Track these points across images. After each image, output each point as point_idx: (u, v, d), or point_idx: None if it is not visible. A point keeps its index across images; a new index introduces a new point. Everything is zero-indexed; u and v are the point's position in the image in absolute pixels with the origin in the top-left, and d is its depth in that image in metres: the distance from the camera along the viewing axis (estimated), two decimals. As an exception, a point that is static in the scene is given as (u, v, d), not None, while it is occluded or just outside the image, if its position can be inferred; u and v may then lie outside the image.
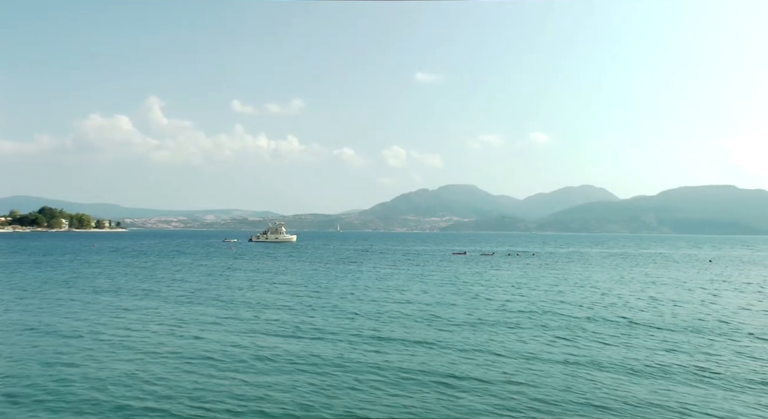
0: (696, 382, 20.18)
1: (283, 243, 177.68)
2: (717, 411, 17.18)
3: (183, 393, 18.71)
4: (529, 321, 32.85)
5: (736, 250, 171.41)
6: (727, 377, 20.87)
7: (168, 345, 25.82)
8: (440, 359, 23.35)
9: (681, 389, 19.35)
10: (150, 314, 35.06)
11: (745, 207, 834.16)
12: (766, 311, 37.81)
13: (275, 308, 38.10)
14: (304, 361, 23.03)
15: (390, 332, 29.25)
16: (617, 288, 51.98)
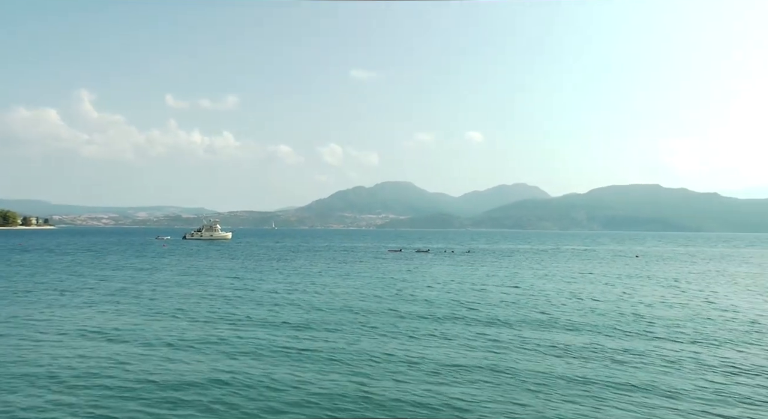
0: (614, 376, 20.76)
1: (218, 241, 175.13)
2: (627, 403, 17.86)
3: (85, 397, 18.26)
4: (449, 316, 33.20)
5: (660, 246, 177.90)
6: (639, 369, 21.62)
7: (78, 347, 25.04)
8: (355, 356, 23.35)
9: (599, 389, 19.93)
10: (67, 314, 33.88)
11: (669, 205, 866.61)
12: (680, 304, 39.37)
13: (197, 306, 37.37)
14: (217, 358, 22.70)
15: (309, 329, 29.08)
16: (541, 284, 53.11)
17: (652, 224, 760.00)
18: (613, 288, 50.25)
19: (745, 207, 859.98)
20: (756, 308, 38.77)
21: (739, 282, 58.18)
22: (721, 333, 29.14)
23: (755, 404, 17.78)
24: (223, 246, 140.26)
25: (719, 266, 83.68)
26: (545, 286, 51.50)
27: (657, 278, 62.19)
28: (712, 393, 18.80)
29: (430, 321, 31.74)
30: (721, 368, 22.00)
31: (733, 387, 19.47)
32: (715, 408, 17.33)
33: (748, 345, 26.36)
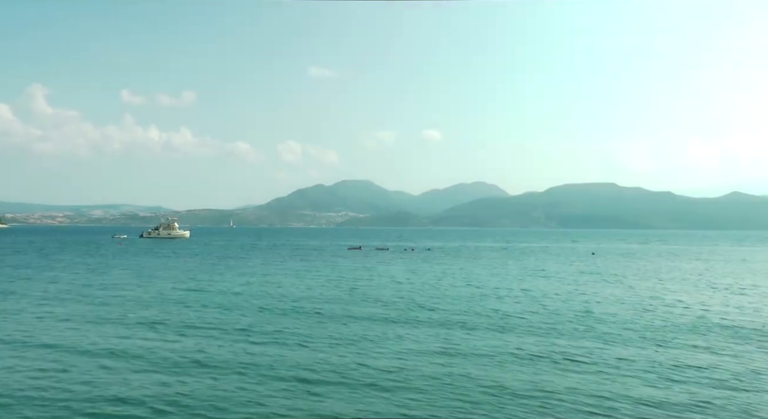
0: (562, 370, 21.12)
1: (176, 239, 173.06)
2: (578, 394, 18.11)
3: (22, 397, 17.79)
4: (400, 317, 33.34)
5: (615, 244, 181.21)
6: (588, 363, 22.02)
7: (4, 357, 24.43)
8: (302, 354, 23.31)
9: (548, 376, 20.23)
10: (6, 315, 33.17)
11: (624, 203, 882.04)
12: (626, 301, 40.15)
13: (145, 306, 36.85)
14: (161, 358, 22.46)
15: (260, 328, 28.98)
16: (494, 282, 53.57)
17: (608, 221, 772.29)
18: (565, 286, 51.02)
19: (697, 206, 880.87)
20: (702, 303, 39.78)
21: (687, 279, 59.59)
22: (665, 327, 29.76)
23: (699, 398, 18.15)
24: (181, 245, 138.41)
25: (670, 263, 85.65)
26: (498, 284, 52.08)
27: (608, 274, 63.38)
28: (660, 387, 19.12)
29: (380, 321, 31.84)
30: (665, 362, 22.40)
31: (679, 380, 19.88)
32: (663, 403, 17.64)
33: (692, 339, 26.96)
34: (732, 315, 34.67)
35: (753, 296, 44.87)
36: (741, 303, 40.07)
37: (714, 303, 39.99)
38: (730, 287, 51.71)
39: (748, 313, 35.43)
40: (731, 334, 28.39)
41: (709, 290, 49.14)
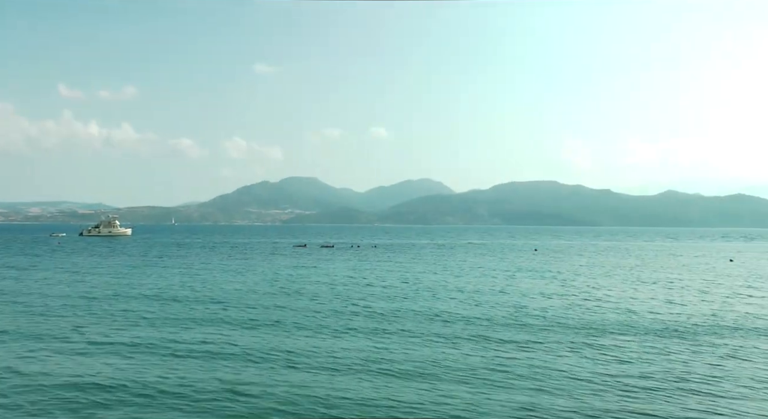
0: (489, 366, 21.59)
1: (117, 237, 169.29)
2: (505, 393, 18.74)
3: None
4: (333, 312, 33.64)
5: (556, 240, 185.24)
6: (512, 359, 22.53)
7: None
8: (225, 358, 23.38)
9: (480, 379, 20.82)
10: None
11: (566, 201, 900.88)
12: (559, 295, 41.21)
13: (63, 307, 36.13)
14: (78, 361, 22.13)
15: (183, 329, 28.84)
16: (434, 278, 54.24)
17: (550, 218, 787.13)
18: (504, 281, 52.04)
19: (635, 203, 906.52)
20: (632, 298, 41.18)
21: (620, 274, 61.53)
22: (593, 322, 30.73)
23: (628, 389, 18.87)
24: (120, 243, 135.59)
25: (606, 259, 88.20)
26: (437, 280, 52.85)
27: (544, 270, 64.77)
28: (591, 381, 19.73)
29: (313, 316, 32.02)
30: (591, 356, 23.16)
31: (611, 373, 20.53)
32: (596, 393, 18.25)
33: (621, 332, 27.93)
34: (658, 308, 36.00)
35: (678, 289, 46.67)
36: (667, 297, 41.64)
37: (641, 297, 41.44)
38: (659, 281, 53.56)
39: (674, 307, 36.87)
40: (656, 328, 29.47)
41: (639, 284, 50.65)
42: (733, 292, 45.84)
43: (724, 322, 31.30)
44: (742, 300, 40.69)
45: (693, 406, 17.26)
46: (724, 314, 34.24)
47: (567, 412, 16.70)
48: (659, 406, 17.25)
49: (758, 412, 16.75)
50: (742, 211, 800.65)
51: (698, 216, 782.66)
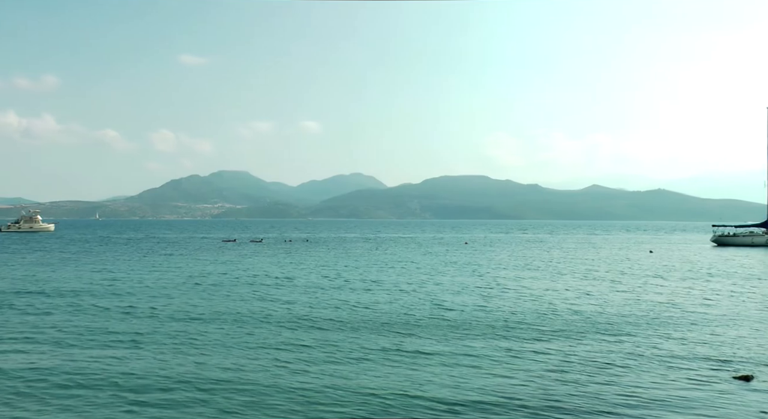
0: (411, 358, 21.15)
1: (39, 233, 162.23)
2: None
3: None
4: (241, 307, 32.52)
5: (484, 233, 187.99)
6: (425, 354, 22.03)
7: None
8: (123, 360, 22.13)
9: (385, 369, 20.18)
10: None
11: (495, 195, 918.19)
12: (476, 288, 41.45)
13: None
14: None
15: (84, 328, 27.16)
16: (348, 273, 53.27)
17: (481, 212, 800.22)
18: (426, 275, 51.83)
19: (561, 197, 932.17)
20: (548, 290, 41.44)
21: (540, 266, 62.50)
22: (511, 314, 30.60)
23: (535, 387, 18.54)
24: (40, 239, 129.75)
25: (530, 252, 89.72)
26: (358, 274, 52.29)
27: (467, 263, 65.13)
28: (510, 377, 19.33)
29: (219, 311, 30.78)
30: (507, 348, 22.80)
31: (528, 367, 20.16)
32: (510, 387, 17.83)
33: (536, 324, 27.80)
34: (574, 299, 36.23)
35: (596, 280, 47.48)
36: (584, 288, 42.06)
37: (559, 288, 41.80)
38: (579, 273, 54.39)
39: (590, 298, 37.23)
40: (572, 319, 29.55)
41: (558, 276, 51.41)
42: (645, 282, 46.92)
43: (638, 312, 31.72)
44: (657, 290, 41.56)
45: (610, 397, 17.11)
46: (638, 304, 34.75)
47: (483, 408, 16.27)
48: (577, 400, 16.97)
49: (672, 400, 16.76)
50: (662, 205, 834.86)
51: (621, 210, 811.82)
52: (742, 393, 17.76)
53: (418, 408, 16.19)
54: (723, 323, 28.98)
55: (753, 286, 44.93)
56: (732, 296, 39.21)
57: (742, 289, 42.91)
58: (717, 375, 19.69)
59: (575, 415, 15.78)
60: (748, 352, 22.81)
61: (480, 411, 15.96)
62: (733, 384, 18.73)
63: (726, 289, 42.82)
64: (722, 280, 49.26)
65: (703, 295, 39.30)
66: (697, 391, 17.95)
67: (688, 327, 27.71)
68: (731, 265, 65.31)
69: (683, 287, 43.55)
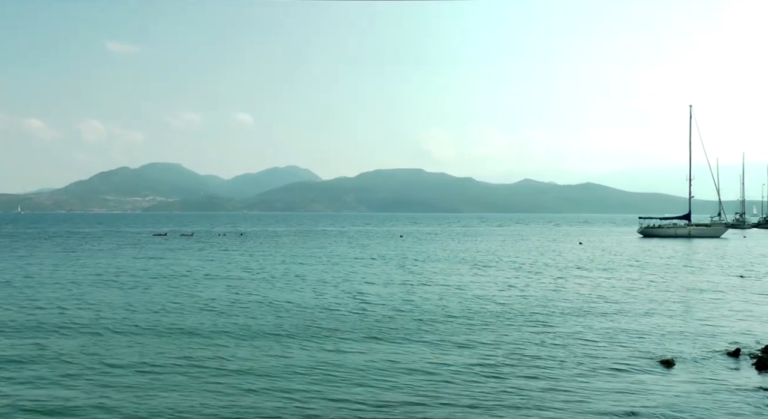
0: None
1: None
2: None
3: None
4: (152, 304, 31.32)
5: (412, 227, 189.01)
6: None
7: None
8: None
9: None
10: None
11: (430, 188, 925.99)
12: (401, 283, 41.13)
13: None
14: None
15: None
16: (274, 267, 51.68)
17: (416, 205, 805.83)
18: (349, 268, 51.10)
19: (495, 191, 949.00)
20: (473, 282, 41.47)
21: (469, 259, 62.68)
22: (436, 307, 30.32)
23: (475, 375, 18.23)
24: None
25: (461, 245, 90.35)
26: (283, 268, 51.45)
27: (393, 257, 64.74)
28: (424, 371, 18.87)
29: (127, 308, 29.47)
30: (432, 342, 22.44)
31: (450, 362, 19.78)
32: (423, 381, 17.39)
33: (463, 317, 27.53)
34: (500, 292, 36.28)
35: (525, 273, 47.90)
36: (511, 281, 42.19)
37: (483, 281, 41.82)
38: (510, 265, 54.92)
39: (515, 290, 37.34)
40: (497, 311, 29.43)
41: (487, 268, 51.71)
42: (572, 273, 47.58)
43: (563, 303, 31.88)
44: (583, 281, 42.04)
45: (534, 390, 16.78)
46: (564, 294, 35.01)
47: (407, 406, 15.70)
48: (503, 395, 16.57)
49: (596, 388, 16.57)
50: (591, 198, 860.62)
51: (553, 203, 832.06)
52: (665, 377, 18.10)
53: (338, 409, 15.39)
54: (645, 311, 29.37)
55: (674, 275, 46.07)
56: (654, 285, 39.99)
57: (664, 278, 43.90)
58: (640, 361, 19.86)
59: (500, 410, 15.35)
60: (669, 339, 23.16)
61: (404, 410, 15.33)
62: (656, 369, 19.02)
63: (649, 278, 43.69)
64: (646, 270, 50.37)
65: (627, 285, 39.93)
66: (621, 378, 18.00)
67: (611, 317, 27.90)
68: (655, 255, 67.10)
69: (609, 278, 44.20)
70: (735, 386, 17.26)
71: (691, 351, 21.17)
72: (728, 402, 15.95)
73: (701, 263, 57.67)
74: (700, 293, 36.30)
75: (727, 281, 42.63)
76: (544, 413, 15.06)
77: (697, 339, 23.20)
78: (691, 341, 22.82)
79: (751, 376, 18.33)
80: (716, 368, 19.17)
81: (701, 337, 23.47)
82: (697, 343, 22.44)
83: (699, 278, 43.99)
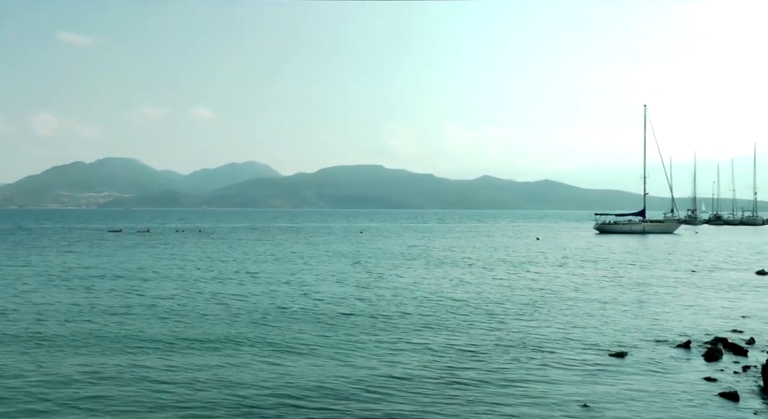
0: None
1: None
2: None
3: None
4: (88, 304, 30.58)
5: (375, 223, 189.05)
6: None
7: None
8: None
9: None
10: None
11: (390, 185, 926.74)
12: (353, 282, 41.01)
13: None
14: None
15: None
16: (228, 264, 50.45)
17: (376, 202, 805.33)
18: (304, 265, 50.39)
19: (455, 187, 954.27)
20: (424, 278, 41.53)
21: (424, 255, 62.70)
22: (387, 305, 30.24)
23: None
24: None
25: (419, 241, 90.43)
26: (233, 266, 50.80)
27: (347, 253, 64.62)
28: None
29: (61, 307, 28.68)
30: (381, 339, 22.27)
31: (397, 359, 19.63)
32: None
33: (414, 315, 27.45)
34: (454, 289, 36.40)
35: (480, 270, 48.22)
36: (467, 278, 42.38)
37: (433, 278, 41.98)
38: (465, 261, 55.18)
39: (469, 285, 37.50)
40: (455, 308, 29.47)
41: (442, 265, 51.75)
42: (528, 269, 48.08)
43: (519, 298, 32.05)
44: (539, 276, 42.43)
45: (490, 386, 16.70)
46: (519, 290, 35.17)
47: (359, 405, 15.47)
48: (457, 392, 16.49)
49: (551, 381, 16.57)
50: (549, 195, 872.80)
51: (512, 200, 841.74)
52: (618, 369, 18.31)
53: (287, 407, 15.02)
54: (599, 306, 29.65)
55: (628, 270, 46.77)
56: (608, 280, 40.50)
57: (618, 273, 44.54)
58: (594, 354, 20.02)
59: (455, 406, 15.19)
60: (622, 332, 23.42)
61: (358, 407, 15.06)
62: (609, 361, 19.20)
63: (603, 273, 44.27)
64: (600, 265, 51.05)
65: (581, 280, 40.33)
66: (574, 371, 18.09)
67: (565, 311, 28.09)
68: (610, 251, 68.10)
69: (564, 273, 44.61)
70: (684, 375, 17.66)
71: (643, 344, 21.48)
72: (677, 391, 16.23)
73: (654, 258, 58.66)
74: (653, 287, 36.89)
75: (678, 275, 43.44)
76: (498, 408, 14.94)
77: (649, 331, 23.56)
78: (643, 334, 23.14)
79: (700, 366, 18.72)
80: (667, 359, 19.50)
81: (653, 330, 23.84)
82: (649, 336, 22.78)
83: (652, 273, 44.76)
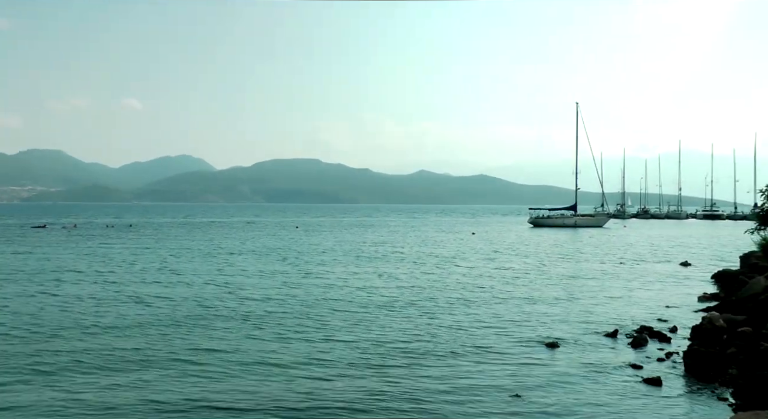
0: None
1: None
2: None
3: None
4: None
5: (311, 218, 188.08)
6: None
7: None
8: None
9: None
10: None
11: (328, 179, 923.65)
12: (280, 276, 40.51)
13: None
14: None
15: None
16: (149, 262, 47.38)
17: (313, 196, 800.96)
18: (225, 262, 49.35)
19: (391, 182, 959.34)
20: (354, 273, 41.37)
21: (354, 250, 62.50)
22: (314, 300, 29.93)
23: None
24: None
25: (352, 237, 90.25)
26: (159, 263, 49.65)
27: (273, 249, 63.95)
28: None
29: None
30: (300, 338, 21.95)
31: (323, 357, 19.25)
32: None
33: (343, 310, 27.25)
34: (380, 284, 36.32)
35: (411, 265, 48.33)
36: (397, 273, 42.36)
37: (362, 273, 41.87)
38: (397, 256, 55.33)
39: (396, 281, 37.45)
40: (375, 301, 29.34)
41: (372, 260, 51.73)
42: (460, 263, 48.44)
43: (450, 293, 32.03)
44: (471, 270, 42.59)
45: (422, 385, 16.48)
46: (452, 284, 35.07)
47: (281, 401, 14.96)
48: (388, 391, 16.20)
49: (486, 373, 16.46)
50: (485, 190, 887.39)
51: (448, 194, 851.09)
52: (549, 360, 18.68)
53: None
54: (530, 298, 29.91)
55: (558, 263, 47.62)
56: (539, 272, 41.06)
57: (549, 266, 45.25)
58: (525, 346, 20.24)
59: (386, 401, 14.85)
60: (553, 324, 23.71)
61: (276, 405, 14.52)
62: (540, 352, 19.49)
63: (534, 266, 44.89)
64: (532, 258, 51.81)
65: (513, 273, 40.64)
66: (506, 363, 18.17)
67: (497, 304, 28.16)
68: (541, 244, 69.35)
69: (497, 267, 44.81)
70: (611, 363, 18.24)
71: (573, 334, 21.85)
72: (604, 377, 16.85)
73: (583, 251, 59.97)
74: (583, 279, 37.58)
75: (606, 268, 44.45)
76: (427, 404, 14.66)
77: (579, 322, 23.95)
78: (573, 325, 23.51)
79: (627, 354, 19.42)
80: (596, 348, 20.06)
81: (582, 321, 24.23)
82: (579, 327, 23.19)
83: (582, 266, 45.66)
